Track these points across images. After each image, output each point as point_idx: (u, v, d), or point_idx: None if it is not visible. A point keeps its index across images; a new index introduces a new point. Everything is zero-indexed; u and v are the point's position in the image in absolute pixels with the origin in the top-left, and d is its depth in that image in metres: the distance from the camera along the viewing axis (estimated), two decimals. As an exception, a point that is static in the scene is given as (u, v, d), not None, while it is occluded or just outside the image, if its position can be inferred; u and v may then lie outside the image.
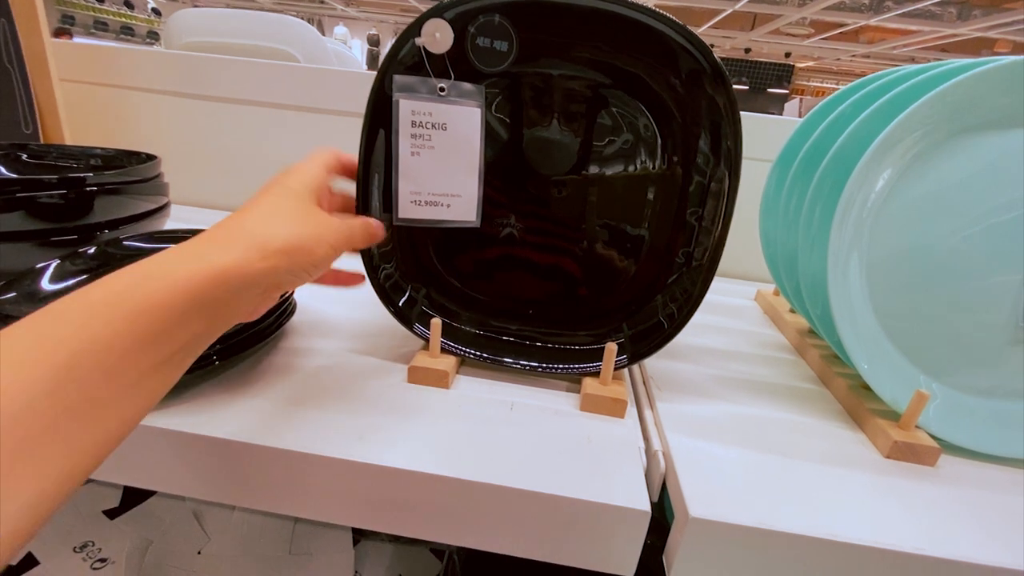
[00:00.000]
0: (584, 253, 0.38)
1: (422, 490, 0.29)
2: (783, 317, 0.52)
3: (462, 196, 0.34)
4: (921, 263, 0.34)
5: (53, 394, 0.18)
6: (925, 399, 0.33)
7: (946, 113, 0.32)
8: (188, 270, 0.22)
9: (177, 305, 0.21)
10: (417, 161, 0.33)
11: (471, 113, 0.33)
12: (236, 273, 0.23)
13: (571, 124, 0.36)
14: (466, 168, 0.34)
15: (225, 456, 0.30)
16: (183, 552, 0.49)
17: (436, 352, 0.37)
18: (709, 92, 0.33)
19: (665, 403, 0.37)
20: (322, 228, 0.28)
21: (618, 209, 0.37)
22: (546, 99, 0.36)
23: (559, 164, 0.37)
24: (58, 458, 0.18)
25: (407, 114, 0.32)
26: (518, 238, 0.38)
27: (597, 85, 0.35)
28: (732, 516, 0.28)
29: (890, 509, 0.30)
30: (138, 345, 0.20)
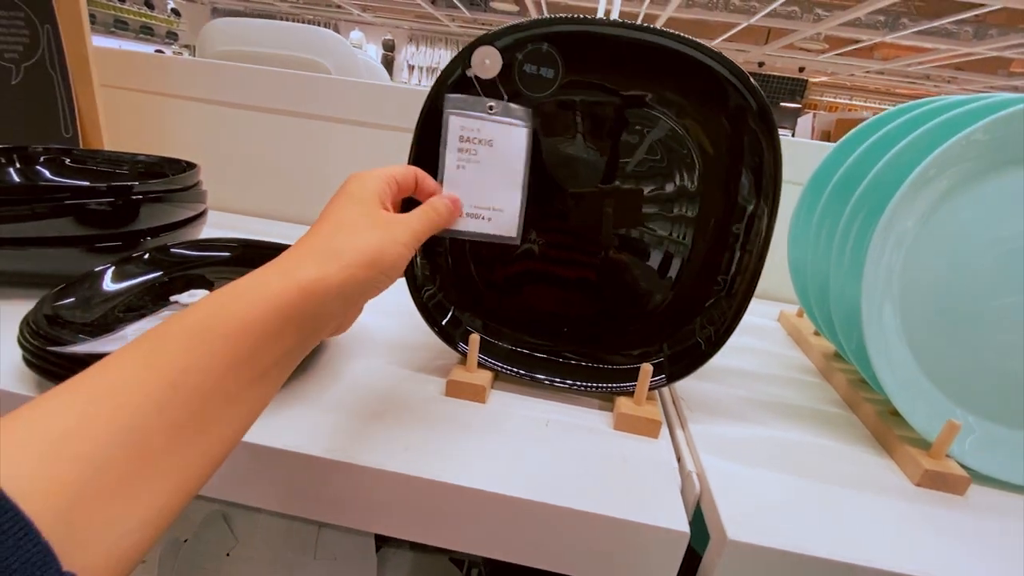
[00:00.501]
0: (623, 275, 0.39)
1: (466, 503, 0.30)
2: (807, 339, 0.53)
3: (504, 211, 0.35)
4: (957, 294, 0.35)
5: (163, 412, 0.19)
6: (956, 429, 0.34)
7: (991, 146, 0.32)
8: (277, 287, 0.23)
9: (270, 322, 0.22)
10: (462, 174, 0.34)
11: (518, 132, 0.34)
12: (320, 286, 0.24)
13: (613, 148, 0.37)
14: (509, 184, 0.35)
15: (266, 464, 0.31)
16: (213, 554, 0.50)
17: (473, 367, 0.38)
18: (753, 129, 0.34)
19: (696, 424, 0.38)
20: (392, 230, 0.28)
21: (660, 234, 0.38)
22: (589, 124, 0.37)
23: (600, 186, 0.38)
24: (171, 473, 0.19)
25: (456, 129, 0.34)
26: (557, 257, 0.39)
27: (644, 115, 0.36)
28: (769, 540, 0.28)
29: (923, 538, 0.30)
30: (235, 363, 0.21)
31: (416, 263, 0.38)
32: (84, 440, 0.17)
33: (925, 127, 0.34)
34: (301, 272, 0.24)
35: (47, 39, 0.67)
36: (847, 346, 0.40)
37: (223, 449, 0.21)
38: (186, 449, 0.19)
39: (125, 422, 0.18)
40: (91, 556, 0.16)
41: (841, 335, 0.40)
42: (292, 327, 0.23)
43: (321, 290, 0.24)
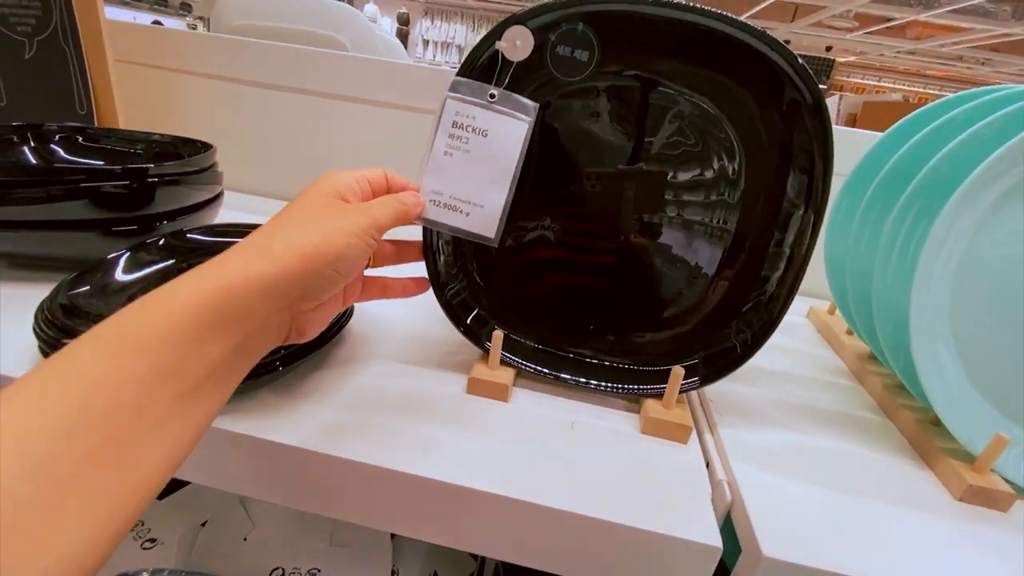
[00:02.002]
0: (654, 274, 0.37)
1: (484, 507, 0.29)
2: (840, 339, 0.51)
3: (484, 207, 0.33)
4: (1013, 301, 0.33)
5: (71, 438, 0.16)
6: (1005, 443, 0.32)
7: None
8: (191, 290, 0.21)
9: (189, 328, 0.20)
10: (448, 161, 0.32)
11: (516, 127, 0.32)
12: (242, 285, 0.22)
13: (641, 141, 0.35)
14: (497, 180, 0.32)
15: (283, 461, 0.30)
16: (230, 538, 0.50)
17: (496, 364, 0.36)
18: (806, 124, 0.31)
19: (727, 428, 0.36)
20: (340, 219, 0.26)
21: (698, 235, 0.36)
22: (621, 109, 0.35)
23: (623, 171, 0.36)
24: (88, 506, 0.17)
25: (451, 113, 0.32)
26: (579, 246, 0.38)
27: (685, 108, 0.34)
28: (805, 558, 0.27)
29: (967, 557, 0.29)
30: (156, 376, 0.19)
31: (439, 262, 0.36)
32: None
33: (992, 117, 0.31)
34: (222, 272, 0.22)
35: (60, 11, 0.65)
36: (889, 350, 0.38)
37: (159, 474, 0.19)
38: (105, 480, 0.17)
39: (15, 464, 0.15)
40: None
41: (882, 338, 0.38)
42: (215, 332, 0.21)
43: (242, 289, 0.22)
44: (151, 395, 0.19)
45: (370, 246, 0.27)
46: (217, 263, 0.23)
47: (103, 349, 0.19)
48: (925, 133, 0.38)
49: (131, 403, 0.18)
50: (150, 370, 0.19)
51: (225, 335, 0.21)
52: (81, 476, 0.17)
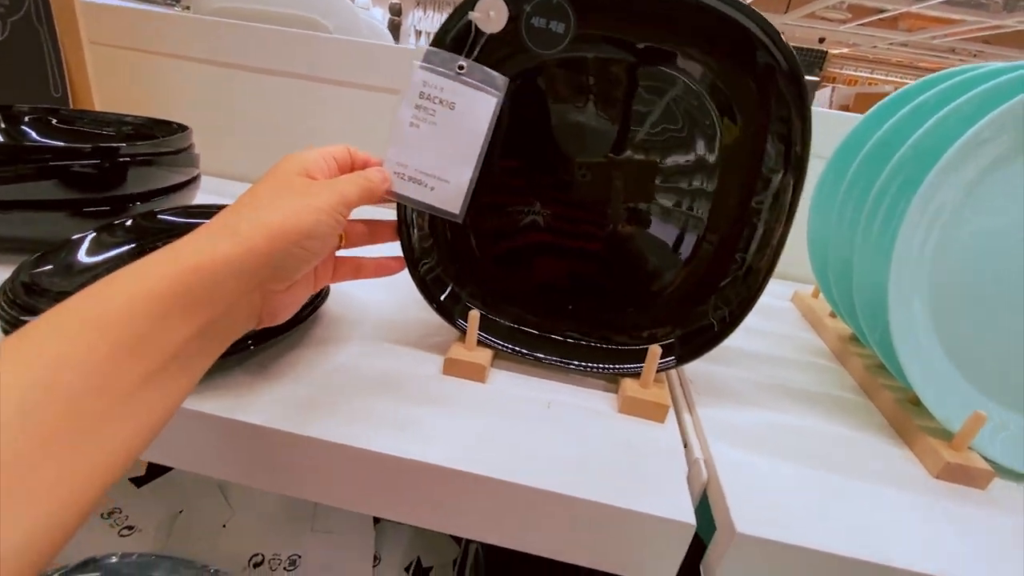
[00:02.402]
0: (633, 251, 0.37)
1: (462, 488, 0.28)
2: (823, 321, 0.51)
3: (450, 183, 0.32)
4: (994, 277, 0.33)
5: (29, 417, 0.16)
6: (982, 420, 0.32)
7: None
8: (156, 270, 0.21)
9: (153, 306, 0.20)
10: (414, 133, 0.31)
11: (485, 100, 0.31)
12: (208, 266, 0.22)
13: (624, 112, 0.34)
14: (463, 155, 0.32)
15: (255, 442, 0.30)
16: (208, 525, 0.49)
17: (473, 345, 0.36)
18: (781, 91, 0.31)
19: (705, 408, 0.36)
20: (309, 196, 0.26)
21: (674, 207, 0.36)
22: (600, 85, 0.34)
23: (607, 153, 0.35)
24: (48, 487, 0.16)
25: (418, 83, 0.31)
26: (562, 230, 0.37)
27: (660, 75, 0.33)
28: (779, 534, 0.27)
29: (943, 534, 0.29)
30: (118, 355, 0.18)
31: (413, 236, 0.36)
32: None
33: (973, 92, 0.31)
34: (188, 252, 0.22)
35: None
36: (868, 329, 0.37)
37: (116, 459, 0.18)
38: (71, 456, 0.17)
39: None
40: None
41: (862, 317, 0.37)
42: (182, 312, 0.21)
43: (209, 270, 0.21)
44: (114, 374, 0.18)
45: (339, 223, 0.27)
46: (183, 244, 0.22)
47: (66, 327, 0.18)
48: (904, 113, 0.37)
49: (94, 382, 0.18)
50: (113, 348, 0.18)
51: (191, 316, 0.21)
52: (42, 456, 0.16)
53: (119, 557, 0.30)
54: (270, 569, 0.48)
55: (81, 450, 0.17)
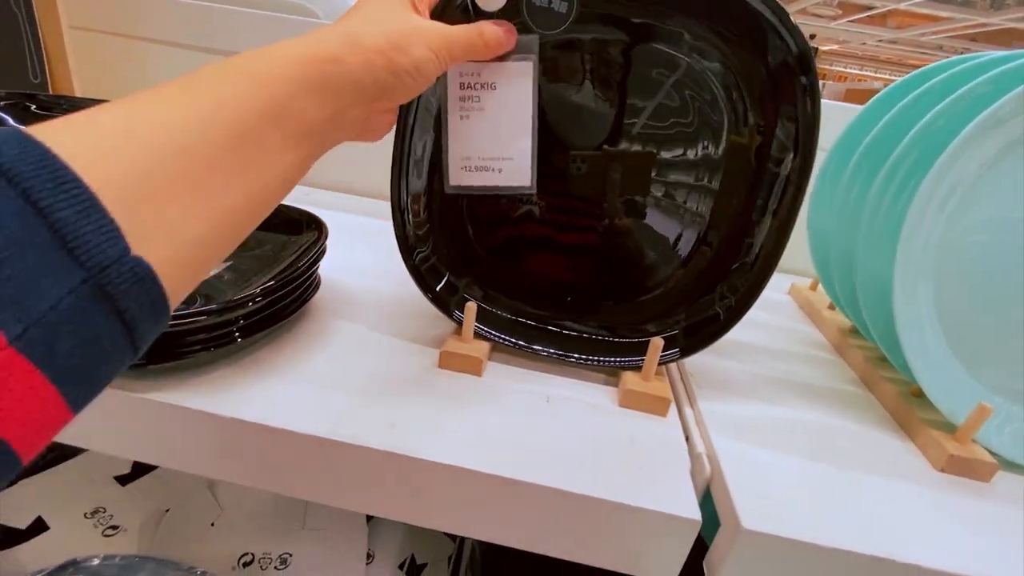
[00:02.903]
0: (635, 242, 0.36)
1: (456, 484, 0.28)
2: (821, 314, 0.50)
3: (514, 159, 0.32)
4: (998, 268, 0.32)
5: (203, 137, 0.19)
6: (987, 413, 0.31)
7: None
8: (298, 51, 0.23)
9: (293, 77, 0.22)
10: (467, 125, 0.31)
11: (523, 68, 0.30)
12: (336, 64, 0.23)
13: (630, 100, 0.33)
14: (518, 129, 0.31)
15: (245, 438, 0.28)
16: (197, 523, 0.48)
17: (469, 337, 0.35)
18: (794, 82, 0.30)
19: (706, 401, 0.35)
20: (419, 29, 0.27)
21: (683, 194, 0.35)
22: (603, 69, 0.33)
23: (614, 143, 0.34)
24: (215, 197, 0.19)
25: (454, 77, 0.30)
26: (560, 221, 0.36)
27: (667, 58, 0.32)
28: (784, 530, 0.26)
29: (948, 527, 0.28)
30: (267, 111, 0.21)
31: (407, 223, 0.34)
32: (133, 144, 0.17)
33: (988, 74, 0.30)
34: (321, 46, 0.24)
35: (8, -28, 0.61)
36: (871, 322, 0.37)
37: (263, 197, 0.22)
38: (226, 180, 0.20)
39: (166, 140, 0.18)
40: (154, 248, 0.16)
41: (865, 309, 0.37)
42: (313, 93, 0.23)
43: (337, 69, 0.24)
44: (262, 125, 0.21)
45: (442, 66, 0.27)
46: (308, 38, 0.24)
47: (227, 78, 0.21)
48: (907, 102, 0.37)
49: (245, 130, 0.20)
50: (266, 103, 0.21)
51: (318, 98, 0.23)
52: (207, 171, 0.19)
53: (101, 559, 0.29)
54: (260, 568, 0.47)
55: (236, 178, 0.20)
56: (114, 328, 0.16)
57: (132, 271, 0.16)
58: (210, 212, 0.19)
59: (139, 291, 0.16)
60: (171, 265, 0.17)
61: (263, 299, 0.32)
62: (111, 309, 0.15)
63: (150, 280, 0.16)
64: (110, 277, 0.15)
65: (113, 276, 0.15)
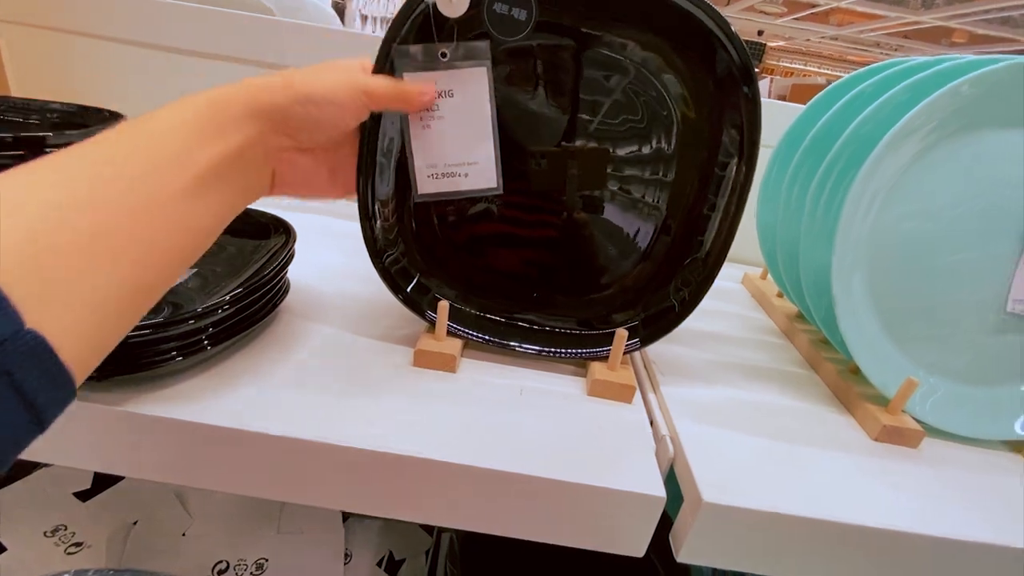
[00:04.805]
0: (593, 238, 0.38)
1: (434, 477, 0.29)
2: (771, 301, 0.54)
3: (479, 163, 0.33)
4: (923, 254, 0.36)
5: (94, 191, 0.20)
6: (915, 386, 0.35)
7: (974, 100, 0.32)
8: (190, 103, 0.25)
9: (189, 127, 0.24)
10: (428, 134, 0.32)
11: (478, 75, 0.31)
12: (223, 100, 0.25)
13: (583, 102, 0.35)
14: (479, 133, 0.32)
15: (219, 445, 0.29)
16: (167, 535, 0.47)
17: (442, 335, 0.36)
18: (738, 90, 0.32)
19: (668, 387, 0.38)
20: (335, 66, 0.28)
21: (634, 196, 0.37)
22: (555, 74, 0.35)
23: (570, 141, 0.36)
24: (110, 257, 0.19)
25: None
26: (522, 219, 0.37)
27: (618, 65, 0.34)
28: (741, 501, 0.28)
29: (883, 490, 0.31)
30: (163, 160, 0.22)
31: (376, 227, 0.35)
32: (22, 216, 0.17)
33: (905, 82, 0.34)
34: (214, 91, 0.25)
35: (-71, -37, 0.57)
36: (813, 307, 0.40)
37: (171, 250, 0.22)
38: (124, 239, 0.20)
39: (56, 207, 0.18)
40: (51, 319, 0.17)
41: (808, 296, 0.40)
42: (204, 136, 0.24)
43: (223, 102, 0.25)
44: (160, 174, 0.22)
45: (353, 99, 0.28)
46: (218, 89, 0.26)
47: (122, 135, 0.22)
48: (843, 103, 0.40)
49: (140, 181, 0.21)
50: (160, 153, 0.22)
51: (213, 141, 0.24)
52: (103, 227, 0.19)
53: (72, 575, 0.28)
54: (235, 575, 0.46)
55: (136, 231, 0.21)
56: (11, 401, 0.16)
57: (27, 344, 0.16)
58: (110, 275, 0.19)
59: (34, 364, 0.16)
60: (72, 335, 0.17)
61: (231, 307, 0.32)
62: (8, 383, 0.15)
63: (45, 353, 0.16)
64: (6, 351, 0.15)
65: (9, 350, 0.15)
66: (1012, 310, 0.36)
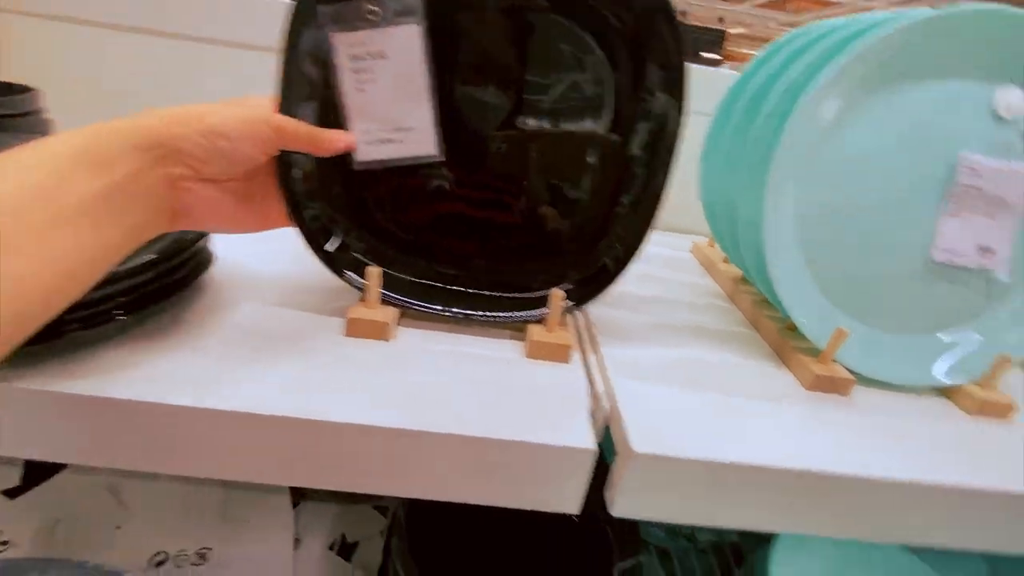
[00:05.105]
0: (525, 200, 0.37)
1: (364, 443, 0.28)
2: (717, 266, 0.54)
3: (415, 128, 0.32)
4: (850, 210, 0.36)
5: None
6: (844, 335, 0.36)
7: (885, 57, 0.33)
8: (69, 134, 0.24)
9: (61, 160, 0.22)
10: (362, 97, 0.31)
11: (409, 32, 0.30)
12: (105, 131, 0.24)
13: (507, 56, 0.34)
14: (413, 96, 0.31)
15: (136, 420, 0.27)
16: (100, 529, 0.45)
17: (375, 303, 0.35)
18: (659, 29, 0.32)
19: (608, 348, 0.38)
20: (226, 105, 0.28)
21: (560, 153, 0.36)
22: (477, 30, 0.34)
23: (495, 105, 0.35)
24: None
25: (344, 49, 0.30)
26: (451, 190, 0.36)
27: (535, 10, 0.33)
28: (671, 450, 0.28)
29: (815, 435, 0.32)
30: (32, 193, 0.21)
31: (293, 176, 0.33)
32: None
33: (828, 40, 0.34)
34: (98, 123, 0.24)
35: None
36: (752, 268, 0.40)
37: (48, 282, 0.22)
38: None
39: None
40: None
41: (746, 257, 0.40)
42: (84, 168, 0.23)
43: (105, 133, 0.24)
44: (31, 206, 0.21)
45: (254, 134, 0.28)
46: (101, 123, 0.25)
47: None
48: (775, 63, 0.40)
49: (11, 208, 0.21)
50: (25, 183, 0.21)
51: (93, 174, 0.23)
52: None
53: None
54: (176, 566, 0.45)
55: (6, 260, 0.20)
56: None
57: None
58: None
59: None
60: None
61: (144, 273, 0.30)
62: None
63: None
64: None
65: None
66: (937, 259, 0.37)
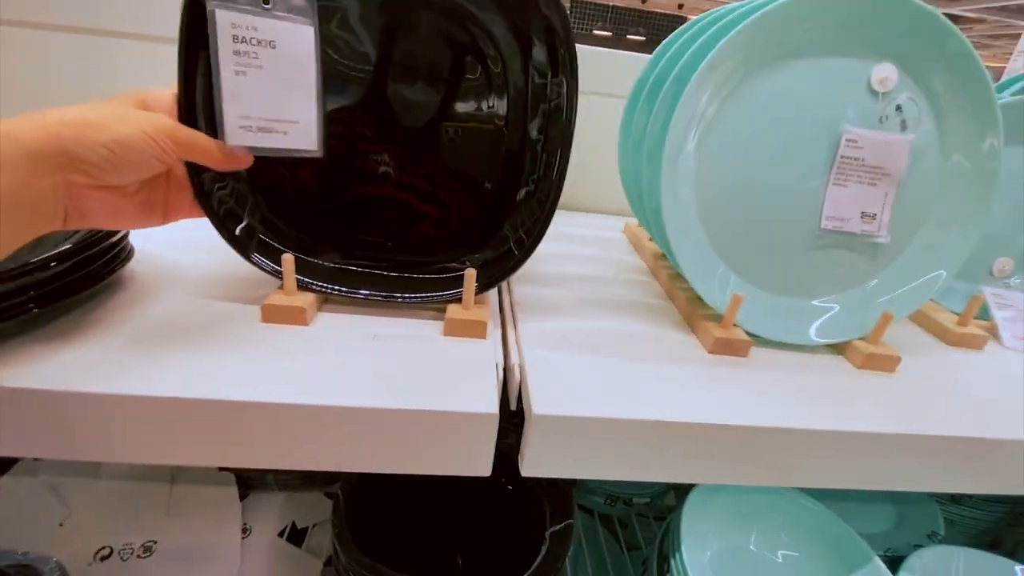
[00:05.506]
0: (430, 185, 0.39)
1: (279, 420, 0.29)
2: (643, 244, 0.57)
3: (300, 123, 0.32)
4: (742, 179, 0.39)
5: None
6: (740, 300, 0.39)
7: (758, 42, 0.35)
8: None
9: None
10: (244, 82, 0.31)
11: (302, 31, 0.31)
12: (8, 132, 0.24)
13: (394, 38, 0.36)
14: (302, 93, 0.32)
15: (54, 410, 0.28)
16: (42, 526, 0.45)
17: (292, 289, 0.36)
18: (543, 12, 0.33)
19: (527, 323, 0.40)
20: (130, 113, 0.28)
21: (461, 139, 0.38)
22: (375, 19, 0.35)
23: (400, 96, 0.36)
24: None
25: (226, 27, 0.29)
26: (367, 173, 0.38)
27: None
28: (573, 410, 0.31)
29: (713, 392, 0.35)
30: None
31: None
32: None
33: (718, 25, 0.36)
34: None
35: None
36: (661, 242, 0.43)
37: None
38: None
39: None
40: None
41: (655, 233, 0.43)
42: None
43: (2, 133, 0.24)
44: None
45: (150, 142, 0.28)
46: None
47: None
48: (675, 48, 0.43)
49: None
50: None
51: None
52: None
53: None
54: (121, 560, 0.45)
55: None
56: None
57: None
58: None
59: None
60: None
61: (58, 264, 0.31)
62: None
63: None
64: None
65: None
66: (825, 227, 0.40)
